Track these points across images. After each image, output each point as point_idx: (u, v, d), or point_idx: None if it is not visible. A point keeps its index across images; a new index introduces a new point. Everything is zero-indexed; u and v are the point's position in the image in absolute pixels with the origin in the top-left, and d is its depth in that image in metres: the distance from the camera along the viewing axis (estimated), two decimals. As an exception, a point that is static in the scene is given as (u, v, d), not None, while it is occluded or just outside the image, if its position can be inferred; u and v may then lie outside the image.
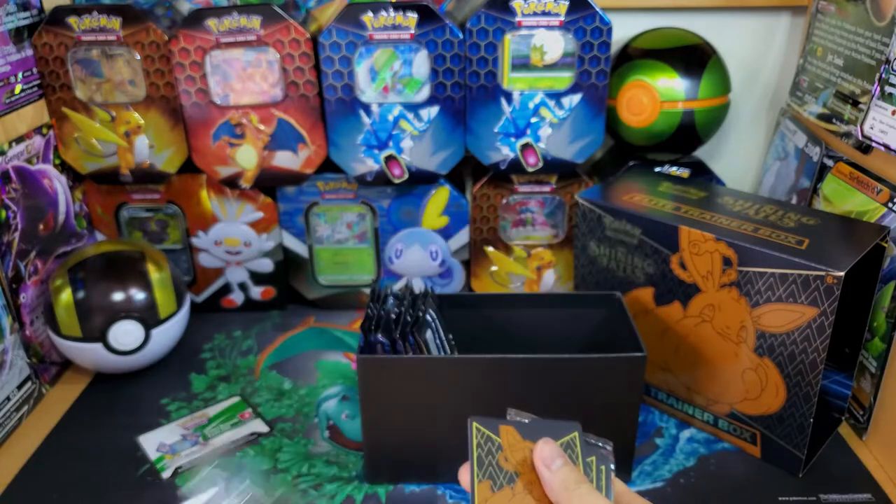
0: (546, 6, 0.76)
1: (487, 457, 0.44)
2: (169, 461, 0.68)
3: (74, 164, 0.84)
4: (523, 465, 0.44)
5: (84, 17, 0.77)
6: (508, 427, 0.45)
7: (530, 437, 0.44)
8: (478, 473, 0.43)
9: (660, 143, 0.84)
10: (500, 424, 0.45)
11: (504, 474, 0.44)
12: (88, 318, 0.75)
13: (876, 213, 0.67)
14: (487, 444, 0.44)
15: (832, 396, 0.71)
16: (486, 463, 0.44)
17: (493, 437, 0.44)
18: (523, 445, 0.44)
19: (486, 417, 0.45)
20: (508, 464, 0.44)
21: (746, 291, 0.63)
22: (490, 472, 0.44)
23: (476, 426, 0.44)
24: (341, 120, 0.81)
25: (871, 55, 0.69)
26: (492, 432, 0.44)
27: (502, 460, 0.44)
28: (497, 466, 0.44)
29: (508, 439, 0.44)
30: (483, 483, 0.43)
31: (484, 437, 0.44)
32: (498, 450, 0.44)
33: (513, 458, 0.44)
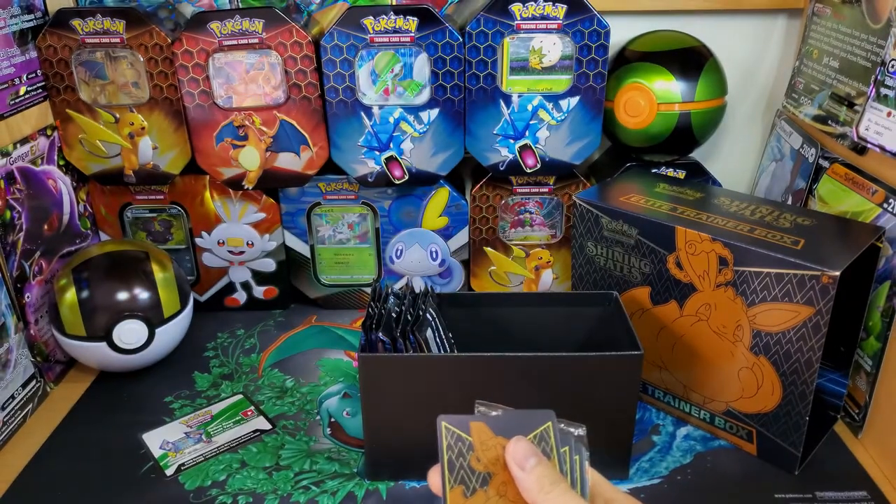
0: (545, 10, 0.77)
1: (458, 459, 0.41)
2: (172, 459, 0.69)
3: (79, 165, 0.85)
4: (496, 464, 0.41)
5: (88, 19, 0.78)
6: (479, 423, 0.42)
7: (502, 432, 0.42)
8: (449, 479, 0.41)
9: (657, 145, 0.84)
10: (471, 421, 0.42)
11: (477, 476, 0.41)
12: (93, 318, 0.75)
13: (871, 213, 0.68)
14: (458, 444, 0.42)
15: (828, 395, 0.71)
16: (458, 466, 0.41)
17: (464, 437, 0.42)
18: (495, 442, 0.42)
19: (457, 415, 0.42)
20: (480, 464, 0.41)
21: (742, 291, 0.63)
22: (462, 475, 0.41)
23: (445, 426, 0.42)
24: (343, 122, 0.82)
25: (866, 57, 0.69)
26: (462, 431, 0.42)
27: (474, 461, 0.42)
28: (469, 468, 0.41)
29: (480, 437, 0.42)
30: (455, 489, 0.41)
31: (454, 437, 0.42)
32: (469, 450, 0.42)
33: (485, 458, 0.42)
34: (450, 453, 0.42)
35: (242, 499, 0.64)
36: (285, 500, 0.64)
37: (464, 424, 0.42)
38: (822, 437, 0.70)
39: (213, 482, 0.66)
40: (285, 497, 0.65)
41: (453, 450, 0.42)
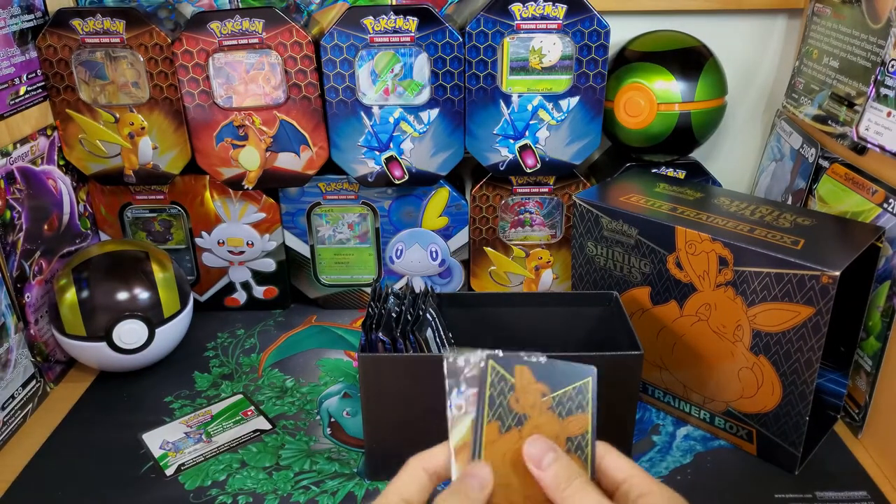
0: (545, 10, 0.77)
1: (499, 397, 0.43)
2: (172, 458, 0.69)
3: (79, 165, 0.85)
4: (532, 408, 0.43)
5: (88, 19, 0.78)
6: (523, 367, 0.43)
7: (543, 378, 0.43)
8: (488, 413, 0.42)
9: (657, 145, 0.84)
10: (516, 364, 0.43)
11: (513, 416, 0.43)
12: (93, 317, 0.75)
13: (871, 213, 0.68)
14: (501, 383, 0.43)
15: (828, 395, 0.71)
16: (497, 403, 0.43)
17: (508, 378, 0.43)
18: (535, 388, 0.43)
19: (506, 355, 0.43)
20: (518, 405, 0.43)
21: (742, 291, 0.63)
22: (500, 412, 0.43)
23: (493, 364, 0.43)
24: (343, 122, 0.82)
25: (866, 57, 0.69)
26: (507, 372, 0.43)
27: (513, 401, 0.43)
28: (507, 407, 0.43)
29: (522, 380, 0.43)
30: (492, 424, 0.43)
31: (498, 377, 0.43)
32: (510, 390, 0.43)
33: (523, 400, 0.43)
34: (492, 390, 0.43)
35: (242, 499, 0.64)
36: (285, 500, 0.64)
37: (510, 366, 0.43)
38: (822, 437, 0.70)
39: (213, 482, 0.66)
40: (285, 497, 0.65)
41: (496, 387, 0.43)
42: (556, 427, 0.43)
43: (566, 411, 0.44)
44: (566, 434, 0.43)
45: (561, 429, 0.43)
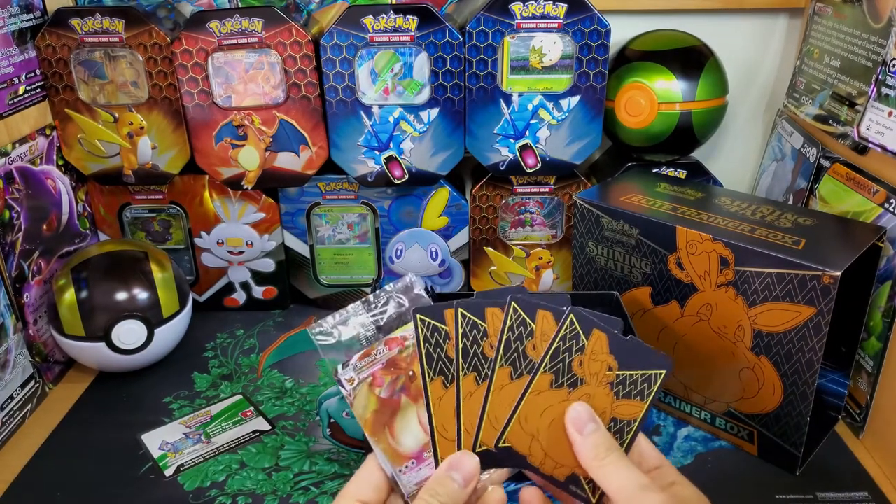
0: (545, 9, 0.77)
1: (516, 342, 0.41)
2: (171, 459, 0.69)
3: (78, 164, 0.85)
4: (594, 377, 0.42)
5: (87, 19, 0.78)
6: (601, 335, 0.42)
7: (617, 353, 0.42)
8: (502, 359, 0.41)
9: (657, 145, 0.84)
10: (595, 328, 0.42)
11: (570, 376, 0.41)
12: (92, 318, 0.75)
13: (872, 213, 0.68)
14: (520, 328, 0.42)
15: (829, 395, 0.71)
16: (513, 349, 0.41)
17: (528, 322, 0.42)
18: (604, 358, 0.42)
19: (528, 299, 0.42)
20: (581, 369, 0.42)
21: (743, 291, 0.63)
22: (514, 358, 0.42)
23: (515, 306, 0.41)
24: (342, 121, 0.82)
25: (867, 57, 0.69)
26: (528, 316, 0.42)
27: (530, 348, 0.42)
28: (523, 353, 0.42)
29: (594, 346, 0.42)
30: (504, 369, 0.41)
31: (518, 320, 0.42)
32: (529, 336, 0.42)
33: (588, 366, 0.42)
34: (509, 334, 0.42)
35: (242, 499, 0.64)
36: (285, 500, 0.64)
37: (532, 310, 0.42)
38: (823, 438, 0.70)
39: (213, 483, 0.66)
40: (285, 498, 0.64)
41: (514, 332, 0.42)
42: (606, 403, 0.42)
43: (624, 393, 0.42)
44: (614, 414, 0.42)
45: (611, 407, 0.42)
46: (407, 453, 0.45)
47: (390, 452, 0.44)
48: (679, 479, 0.44)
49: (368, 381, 0.44)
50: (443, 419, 0.43)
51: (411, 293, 0.48)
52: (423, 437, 0.45)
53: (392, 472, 0.44)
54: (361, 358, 0.45)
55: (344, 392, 0.44)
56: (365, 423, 0.44)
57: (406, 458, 0.45)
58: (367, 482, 0.44)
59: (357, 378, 0.44)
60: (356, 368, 0.44)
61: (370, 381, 0.44)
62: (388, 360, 0.44)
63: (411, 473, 0.44)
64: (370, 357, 0.45)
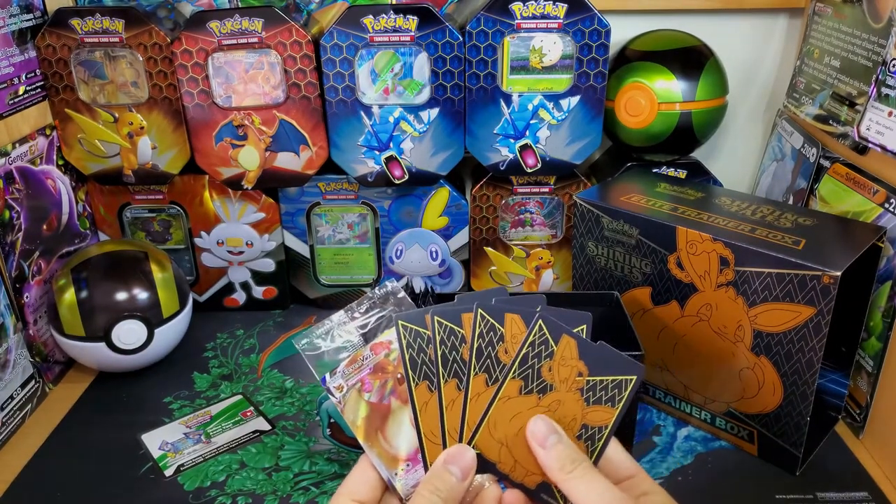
0: (545, 9, 0.77)
1: (487, 348, 0.41)
2: (171, 459, 0.69)
3: (78, 164, 0.85)
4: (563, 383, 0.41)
5: (87, 19, 0.78)
6: (570, 340, 0.41)
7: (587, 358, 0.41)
8: (476, 366, 0.41)
9: (657, 145, 0.84)
10: (565, 334, 0.41)
11: (501, 368, 0.41)
12: (92, 318, 0.75)
13: (872, 213, 0.68)
14: (489, 334, 0.41)
15: (829, 395, 0.71)
16: (486, 355, 0.41)
17: (497, 327, 0.41)
18: (574, 364, 0.41)
19: (493, 305, 0.41)
20: (550, 375, 0.41)
21: (743, 291, 0.63)
22: (487, 364, 0.41)
23: (481, 313, 0.41)
24: (342, 121, 0.82)
25: (867, 57, 0.69)
26: (496, 321, 0.41)
27: (502, 353, 0.41)
28: (496, 359, 0.41)
29: (564, 352, 0.41)
30: (478, 377, 0.41)
31: (487, 326, 0.41)
32: (500, 340, 0.41)
33: (557, 372, 0.41)
34: (479, 341, 0.41)
35: (242, 499, 0.64)
36: (285, 500, 0.64)
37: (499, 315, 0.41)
38: (823, 438, 0.70)
39: (213, 483, 0.66)
40: (285, 498, 0.64)
41: (484, 338, 0.41)
42: (577, 409, 0.42)
43: (595, 399, 0.41)
44: (585, 420, 0.42)
45: (581, 413, 0.42)
46: (402, 456, 0.45)
47: (385, 456, 0.44)
48: (653, 488, 0.42)
49: (357, 386, 0.44)
50: (430, 424, 0.43)
51: (393, 299, 0.48)
52: (416, 439, 0.44)
53: (388, 477, 0.44)
54: (349, 364, 0.45)
55: (333, 400, 0.44)
56: (357, 429, 0.44)
57: (401, 460, 0.45)
58: (361, 481, 0.44)
59: (346, 385, 0.44)
60: (344, 375, 0.44)
61: (359, 386, 0.44)
62: (375, 364, 0.44)
63: (408, 476, 0.44)
64: (357, 363, 0.45)
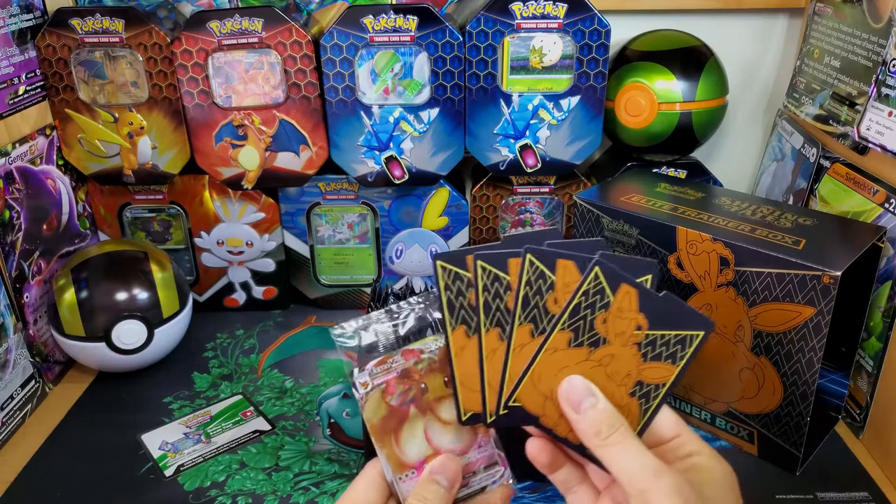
0: (545, 9, 0.77)
1: (535, 297, 0.38)
2: (171, 459, 0.69)
3: (78, 164, 0.85)
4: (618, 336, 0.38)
5: (87, 19, 0.78)
6: (630, 290, 0.37)
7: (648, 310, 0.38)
8: (521, 316, 0.38)
9: (657, 145, 0.84)
10: (623, 282, 0.37)
11: (549, 318, 0.38)
12: (92, 318, 0.75)
13: (872, 213, 0.68)
14: (538, 281, 0.38)
15: (829, 395, 0.71)
16: (533, 304, 0.38)
17: (548, 274, 0.38)
18: (632, 316, 0.38)
19: (544, 250, 0.38)
20: (604, 327, 0.38)
21: (743, 291, 0.63)
22: (534, 315, 0.38)
23: (530, 258, 0.38)
24: (342, 121, 0.82)
25: (867, 57, 0.69)
26: (547, 268, 0.38)
27: (551, 302, 0.38)
28: (544, 309, 0.38)
29: (622, 303, 0.38)
30: (523, 327, 0.38)
31: (536, 273, 0.38)
32: (549, 289, 0.38)
33: (613, 325, 0.38)
34: (527, 289, 0.38)
35: (242, 500, 0.64)
36: (285, 500, 0.64)
37: (550, 261, 0.38)
38: (823, 438, 0.70)
39: (213, 483, 0.66)
40: (285, 498, 0.64)
41: (532, 286, 0.38)
42: (632, 365, 0.38)
43: (654, 355, 0.38)
44: (640, 377, 0.39)
45: (637, 369, 0.39)
46: (409, 462, 0.45)
47: (393, 459, 0.45)
48: (700, 447, 0.39)
49: (382, 387, 0.44)
50: (465, 370, 0.40)
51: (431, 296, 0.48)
52: (427, 449, 0.45)
53: (392, 479, 0.45)
54: (378, 364, 0.45)
55: (356, 394, 0.44)
56: (372, 427, 0.44)
57: (408, 466, 0.45)
58: (367, 488, 0.45)
59: (371, 383, 0.44)
60: (372, 374, 0.44)
61: (383, 387, 0.45)
62: (403, 370, 0.45)
63: (410, 482, 0.45)
64: (386, 365, 0.45)
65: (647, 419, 0.39)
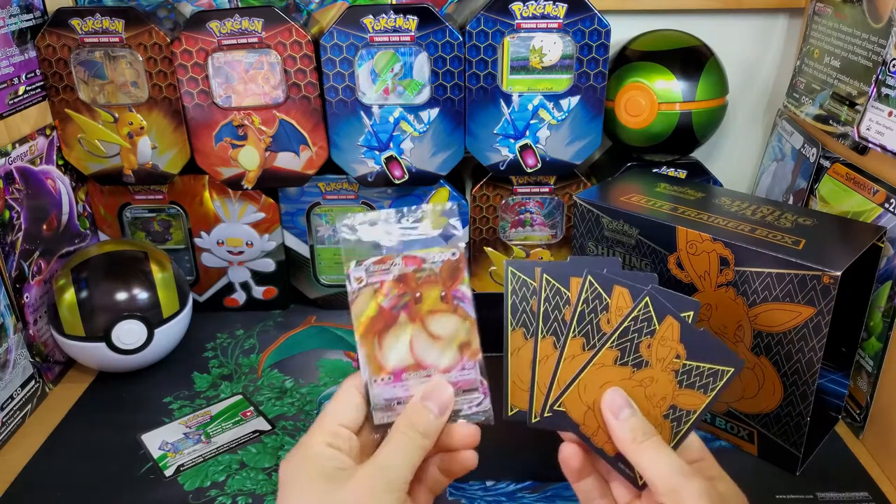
0: (545, 9, 0.77)
1: (590, 314, 0.42)
2: (171, 459, 0.69)
3: (78, 164, 0.85)
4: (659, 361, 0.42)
5: (87, 19, 0.78)
6: (674, 322, 0.41)
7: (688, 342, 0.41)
8: (575, 329, 0.42)
9: (657, 145, 0.84)
10: (669, 315, 0.41)
11: (601, 336, 0.41)
12: (92, 318, 0.75)
13: (872, 213, 0.68)
14: (595, 301, 0.41)
15: (829, 395, 0.71)
16: (587, 321, 0.42)
17: (604, 297, 0.42)
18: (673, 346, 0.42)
19: (604, 275, 0.41)
20: (649, 352, 0.42)
21: (743, 291, 0.63)
22: (587, 330, 0.42)
23: (591, 280, 0.41)
24: (342, 121, 0.82)
25: (867, 57, 0.69)
26: (604, 291, 0.42)
27: (604, 322, 0.42)
28: (597, 327, 0.42)
29: (665, 332, 0.41)
30: (575, 340, 0.42)
31: (594, 294, 0.42)
32: (604, 310, 0.42)
33: (656, 350, 0.42)
34: (584, 306, 0.42)
35: (242, 500, 0.64)
36: (285, 501, 0.64)
37: (608, 284, 0.42)
38: (823, 438, 0.70)
39: (213, 483, 0.66)
40: (285, 498, 0.64)
41: (588, 304, 0.42)
42: (668, 389, 0.42)
43: (688, 383, 0.42)
44: (674, 402, 0.42)
45: (672, 394, 0.42)
46: (387, 367, 0.45)
47: (372, 360, 0.44)
48: (720, 474, 0.43)
49: (375, 286, 0.44)
50: (518, 368, 0.43)
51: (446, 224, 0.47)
52: (409, 358, 0.44)
53: (366, 379, 0.44)
54: (377, 263, 0.44)
55: (349, 288, 0.43)
56: (359, 324, 0.43)
57: (385, 371, 0.45)
58: (347, 406, 0.44)
59: (366, 280, 0.44)
60: (368, 271, 0.43)
61: (377, 286, 0.44)
62: (400, 274, 0.44)
63: (384, 388, 0.44)
64: (385, 265, 0.44)
65: (678, 442, 0.43)
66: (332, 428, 0.43)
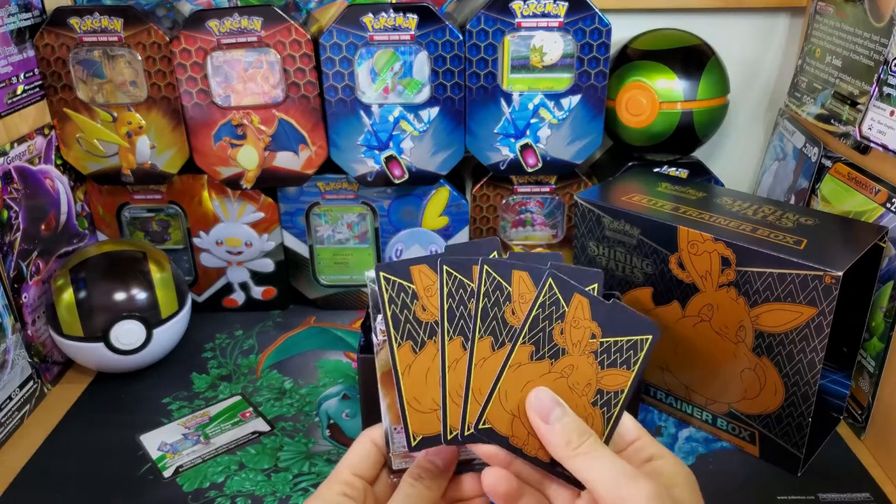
0: (545, 7, 0.77)
1: (493, 308, 0.38)
2: (170, 460, 0.69)
3: (76, 164, 0.84)
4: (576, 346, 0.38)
5: (86, 18, 0.77)
6: (583, 300, 0.38)
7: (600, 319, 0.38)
8: (480, 329, 0.38)
9: (658, 144, 0.84)
10: (576, 292, 0.38)
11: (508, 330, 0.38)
12: (90, 318, 0.75)
13: (874, 213, 0.68)
14: (496, 292, 0.38)
15: (830, 396, 0.71)
16: (491, 316, 0.38)
17: (504, 285, 0.38)
18: (587, 325, 0.38)
19: (499, 261, 0.38)
20: (562, 338, 0.38)
21: (745, 291, 0.63)
22: (493, 327, 0.38)
23: (487, 269, 0.38)
24: (342, 121, 0.82)
25: (869, 56, 0.69)
26: (503, 279, 0.38)
27: (509, 314, 0.38)
28: (502, 320, 0.38)
29: (576, 313, 0.38)
30: (483, 340, 0.38)
31: (493, 284, 0.38)
32: (506, 300, 0.38)
33: (570, 334, 0.38)
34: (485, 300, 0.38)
35: (241, 500, 0.64)
36: (284, 501, 0.64)
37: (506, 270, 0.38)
38: (825, 439, 0.70)
39: (212, 484, 0.66)
40: (284, 499, 0.64)
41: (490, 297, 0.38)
42: (591, 374, 0.39)
43: (610, 362, 0.39)
44: (599, 385, 0.39)
45: (596, 378, 0.39)
46: None
47: (393, 410, 0.44)
48: (658, 451, 0.40)
49: None
50: (413, 389, 0.39)
51: None
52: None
53: (387, 427, 0.45)
54: None
55: (374, 340, 0.43)
56: (381, 376, 0.43)
57: None
58: (363, 456, 0.46)
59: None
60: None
61: None
62: None
63: (403, 436, 0.44)
64: None
65: (611, 428, 0.39)
66: (346, 478, 0.45)
